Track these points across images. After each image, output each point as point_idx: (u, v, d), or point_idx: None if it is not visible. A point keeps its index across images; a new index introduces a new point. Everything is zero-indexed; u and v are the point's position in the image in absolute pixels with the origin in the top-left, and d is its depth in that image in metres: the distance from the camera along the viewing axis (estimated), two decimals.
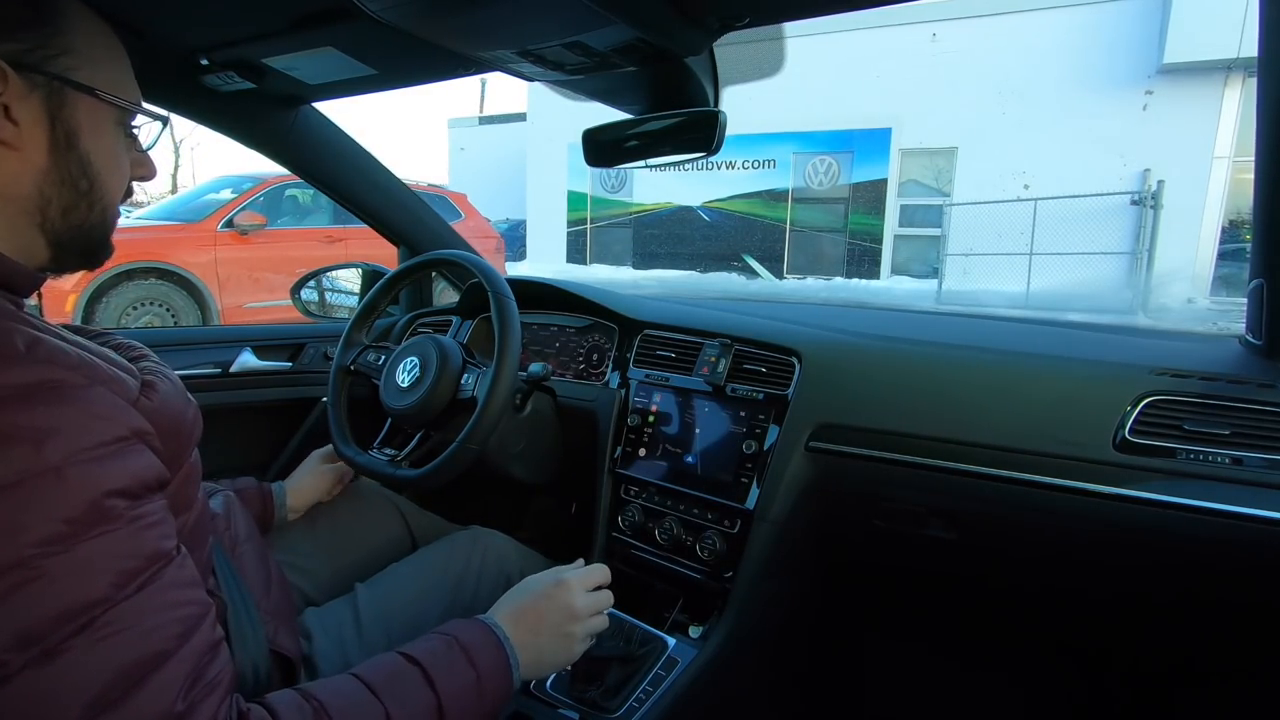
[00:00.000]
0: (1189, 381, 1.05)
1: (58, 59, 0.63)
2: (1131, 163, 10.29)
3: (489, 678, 0.76)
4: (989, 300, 9.82)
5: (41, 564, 0.48)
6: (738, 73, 1.09)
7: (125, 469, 0.55)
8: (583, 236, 14.89)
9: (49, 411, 0.52)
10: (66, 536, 0.49)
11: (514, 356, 1.15)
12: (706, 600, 1.23)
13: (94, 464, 0.53)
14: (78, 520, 0.50)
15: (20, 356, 0.53)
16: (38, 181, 0.64)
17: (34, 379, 0.52)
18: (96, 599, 0.50)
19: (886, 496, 1.22)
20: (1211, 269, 10.13)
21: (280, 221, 6.78)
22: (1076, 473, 1.05)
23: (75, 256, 0.70)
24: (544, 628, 0.87)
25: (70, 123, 0.65)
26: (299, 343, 1.82)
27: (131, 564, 0.53)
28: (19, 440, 0.49)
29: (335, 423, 1.28)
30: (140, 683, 0.51)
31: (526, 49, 0.93)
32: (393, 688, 0.69)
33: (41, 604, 0.48)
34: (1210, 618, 1.21)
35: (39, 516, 0.49)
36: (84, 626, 0.49)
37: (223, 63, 1.15)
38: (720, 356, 1.32)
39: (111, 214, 0.72)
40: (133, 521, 0.54)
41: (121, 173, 0.72)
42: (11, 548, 0.47)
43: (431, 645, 0.76)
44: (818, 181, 12.72)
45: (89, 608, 0.50)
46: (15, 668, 0.46)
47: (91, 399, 0.55)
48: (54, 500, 0.50)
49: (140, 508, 0.56)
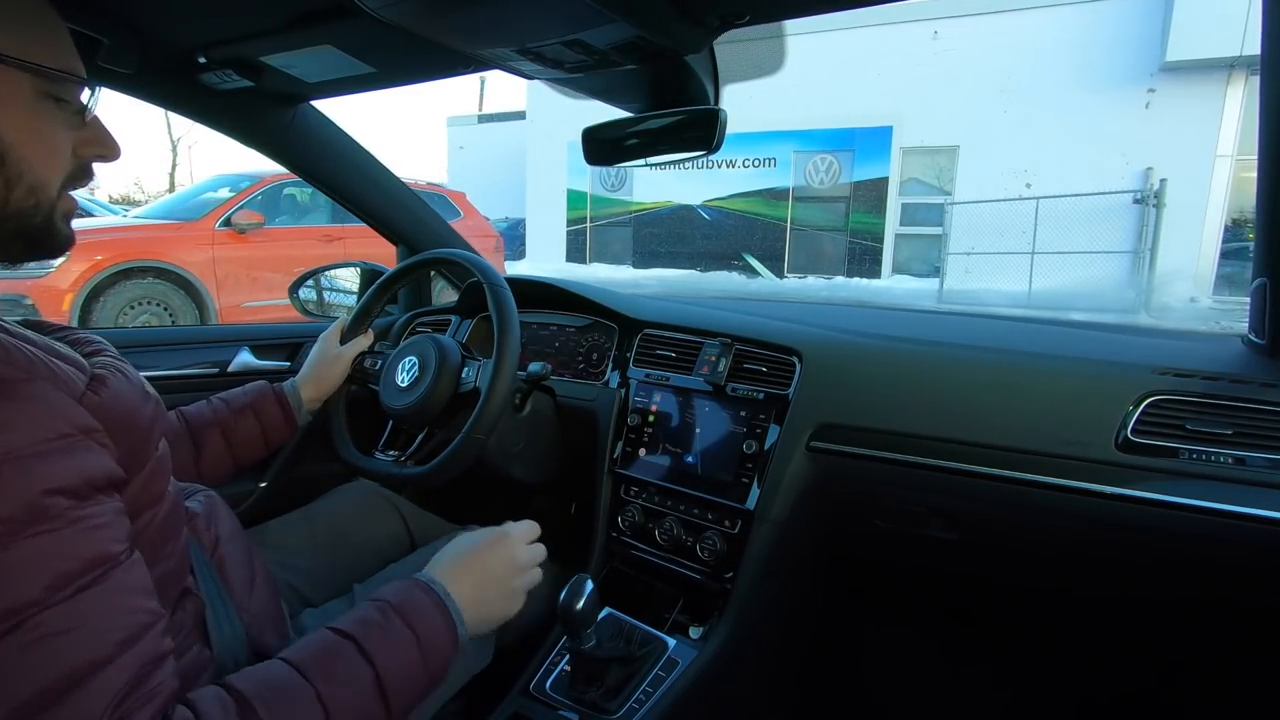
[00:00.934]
0: (1191, 381, 1.05)
1: None
2: (1134, 161, 10.30)
3: (430, 638, 0.74)
4: (991, 299, 9.82)
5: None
6: (738, 71, 1.09)
7: (69, 467, 0.54)
8: (582, 235, 14.89)
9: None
10: (0, 535, 0.48)
11: (514, 344, 1.15)
12: (707, 601, 1.24)
13: (33, 461, 0.51)
14: (12, 519, 0.49)
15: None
16: None
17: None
18: (28, 601, 0.48)
19: (887, 496, 1.22)
20: (1214, 268, 10.13)
21: (278, 220, 6.78)
22: (1078, 473, 1.05)
23: (12, 243, 0.64)
24: (488, 580, 0.86)
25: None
26: (297, 342, 1.82)
27: (70, 565, 0.51)
28: None
29: (336, 430, 1.28)
30: (70, 690, 0.49)
31: (526, 47, 0.93)
32: (323, 666, 0.66)
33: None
34: (1211, 619, 1.21)
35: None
36: (13, 629, 0.47)
37: (221, 61, 1.15)
38: (720, 356, 1.32)
39: (47, 196, 0.65)
40: (75, 522, 0.53)
41: (51, 148, 0.65)
42: None
43: (364, 614, 0.73)
44: (818, 180, 12.72)
45: (19, 610, 0.48)
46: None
47: (31, 394, 0.54)
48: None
49: (85, 508, 0.54)
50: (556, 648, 1.12)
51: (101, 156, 0.71)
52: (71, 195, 0.69)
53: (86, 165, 0.70)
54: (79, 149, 0.69)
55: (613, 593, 1.29)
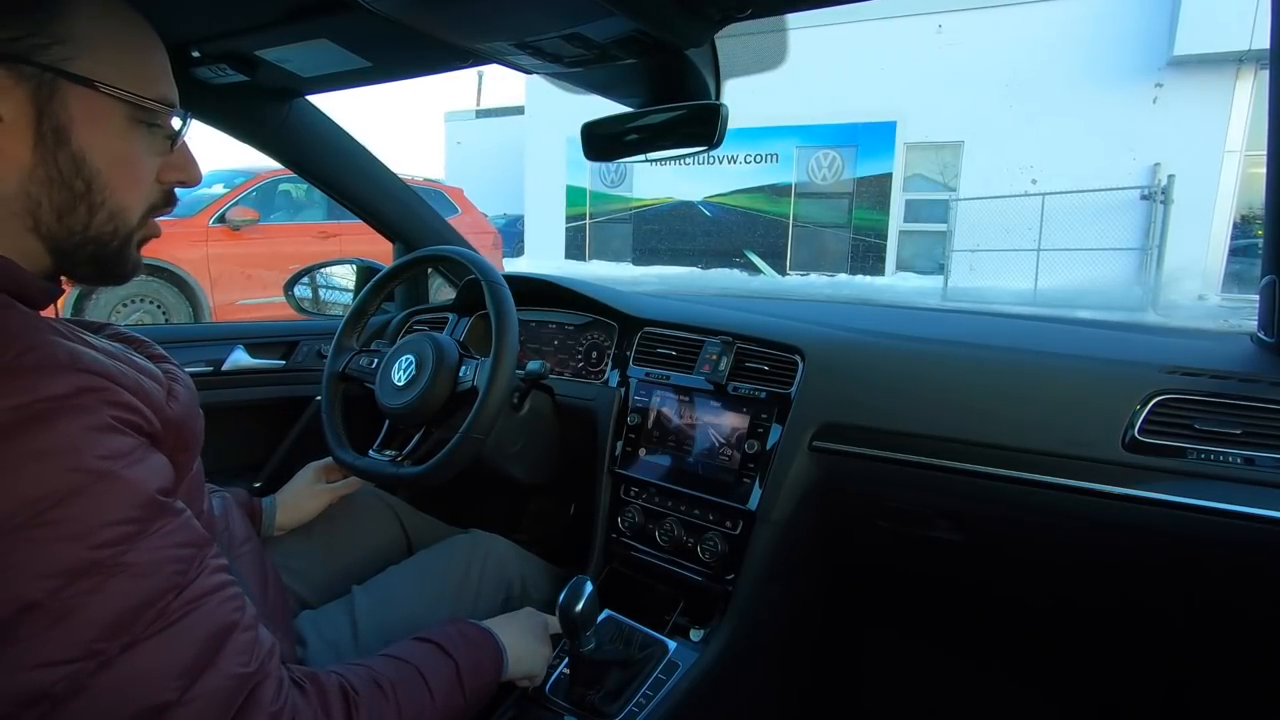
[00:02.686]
0: (1200, 380, 1.05)
1: (51, 48, 0.59)
2: (1141, 157, 10.29)
3: (485, 647, 0.93)
4: (996, 297, 9.81)
5: (117, 561, 0.52)
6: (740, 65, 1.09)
7: (158, 468, 0.59)
8: (582, 232, 14.88)
9: (91, 419, 0.54)
10: (133, 535, 0.54)
11: (512, 343, 1.15)
12: (708, 603, 1.24)
13: (138, 465, 0.56)
14: (138, 519, 0.54)
15: (61, 366, 0.54)
16: (22, 180, 0.60)
17: (71, 388, 0.54)
18: (168, 587, 0.55)
19: (891, 497, 1.22)
20: (1223, 265, 10.13)
21: (273, 217, 6.78)
22: (1085, 473, 1.05)
23: (87, 267, 0.66)
24: (523, 630, 1.04)
25: (59, 117, 0.60)
26: (292, 340, 1.82)
27: (187, 551, 0.58)
28: (75, 450, 0.52)
29: (331, 429, 1.28)
30: (218, 650, 0.57)
31: (524, 41, 0.92)
32: (424, 660, 0.83)
33: (122, 599, 0.52)
34: (1220, 630, 1.21)
35: (105, 518, 0.52)
36: (161, 612, 0.54)
37: (214, 55, 1.15)
38: (722, 354, 1.32)
39: (127, 221, 0.66)
40: (179, 513, 0.59)
41: (136, 175, 0.66)
42: (87, 550, 0.51)
43: (441, 631, 0.91)
44: (821, 176, 12.72)
45: (163, 595, 0.55)
46: (111, 654, 0.51)
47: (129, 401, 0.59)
48: (115, 502, 0.53)
49: (177, 502, 0.60)
50: (555, 651, 1.12)
51: (183, 183, 0.72)
52: (155, 222, 0.71)
53: (169, 192, 0.71)
54: (162, 174, 0.70)
55: (612, 595, 1.29)
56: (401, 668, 0.80)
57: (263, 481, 1.76)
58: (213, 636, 0.57)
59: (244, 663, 0.59)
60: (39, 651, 0.48)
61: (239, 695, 0.58)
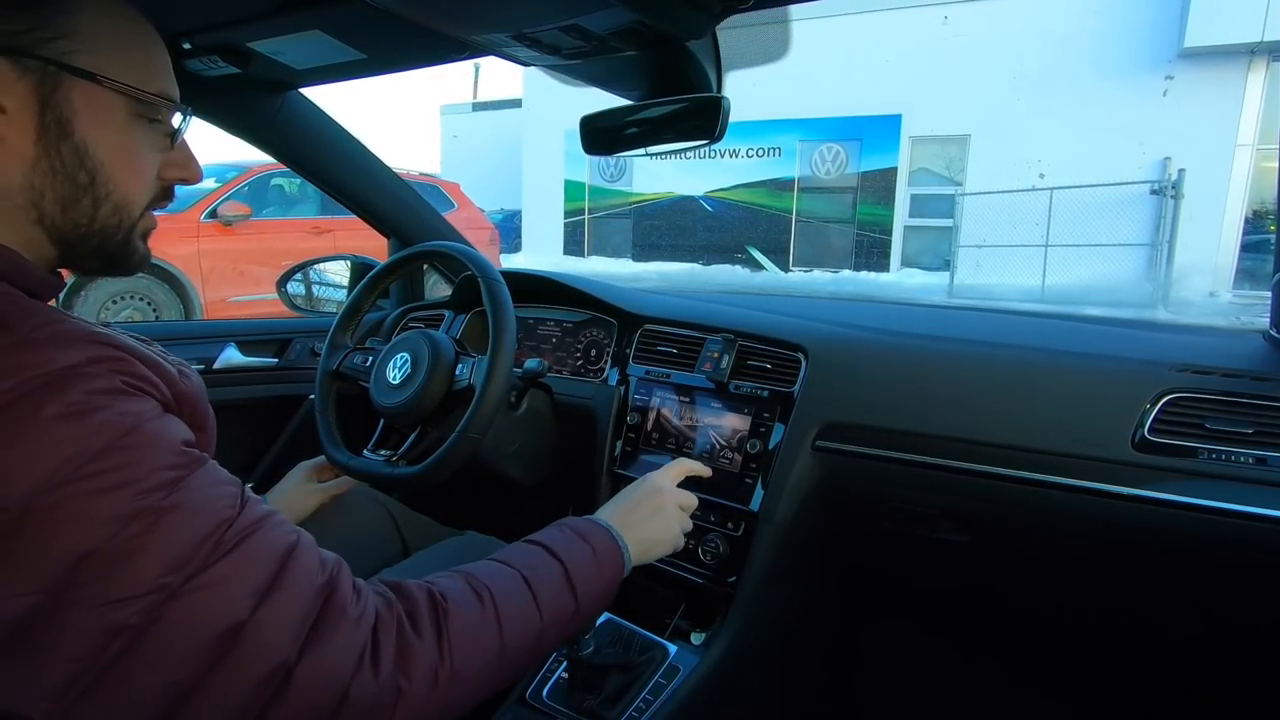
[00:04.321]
0: (1211, 378, 1.05)
1: (55, 42, 0.61)
2: (1151, 151, 10.29)
3: (602, 550, 0.88)
4: (1003, 294, 9.82)
5: (164, 504, 0.54)
6: (742, 57, 1.09)
7: (178, 426, 0.62)
8: (580, 227, 14.88)
9: (103, 383, 0.56)
10: (174, 480, 0.56)
11: (510, 341, 1.15)
12: (709, 605, 1.24)
13: (158, 420, 0.59)
14: (176, 465, 0.57)
15: (73, 338, 0.57)
16: (25, 172, 0.62)
17: (83, 357, 0.56)
18: (221, 520, 0.57)
19: (896, 498, 1.22)
20: (1234, 261, 10.12)
21: (266, 212, 6.77)
22: (1094, 473, 1.05)
23: (91, 259, 0.69)
24: (638, 508, 0.99)
25: (63, 109, 0.62)
26: (285, 338, 1.82)
27: (230, 488, 0.61)
28: (93, 410, 0.54)
29: (324, 429, 1.28)
30: (284, 567, 0.59)
31: (522, 32, 0.92)
32: (519, 556, 0.81)
33: (179, 536, 0.54)
34: (1230, 628, 1.21)
35: (146, 468, 0.55)
36: (218, 543, 0.56)
37: (206, 46, 1.15)
38: (723, 352, 1.32)
39: (130, 214, 0.68)
40: (205, 461, 0.61)
41: (138, 169, 0.69)
42: (132, 498, 0.53)
43: (546, 532, 0.88)
44: (825, 170, 12.71)
45: (217, 529, 0.57)
46: (177, 586, 0.53)
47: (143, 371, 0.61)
48: (151, 451, 0.56)
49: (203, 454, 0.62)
50: (554, 654, 1.13)
51: (183, 180, 0.74)
52: (153, 215, 0.73)
53: (169, 188, 0.74)
54: (163, 171, 0.72)
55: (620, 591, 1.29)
56: (502, 571, 0.77)
57: (255, 482, 1.76)
58: (275, 557, 0.59)
59: (311, 575, 0.61)
60: (107, 591, 0.51)
61: (314, 606, 0.60)
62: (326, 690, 0.58)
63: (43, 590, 0.50)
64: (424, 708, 0.64)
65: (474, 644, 0.70)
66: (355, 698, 0.59)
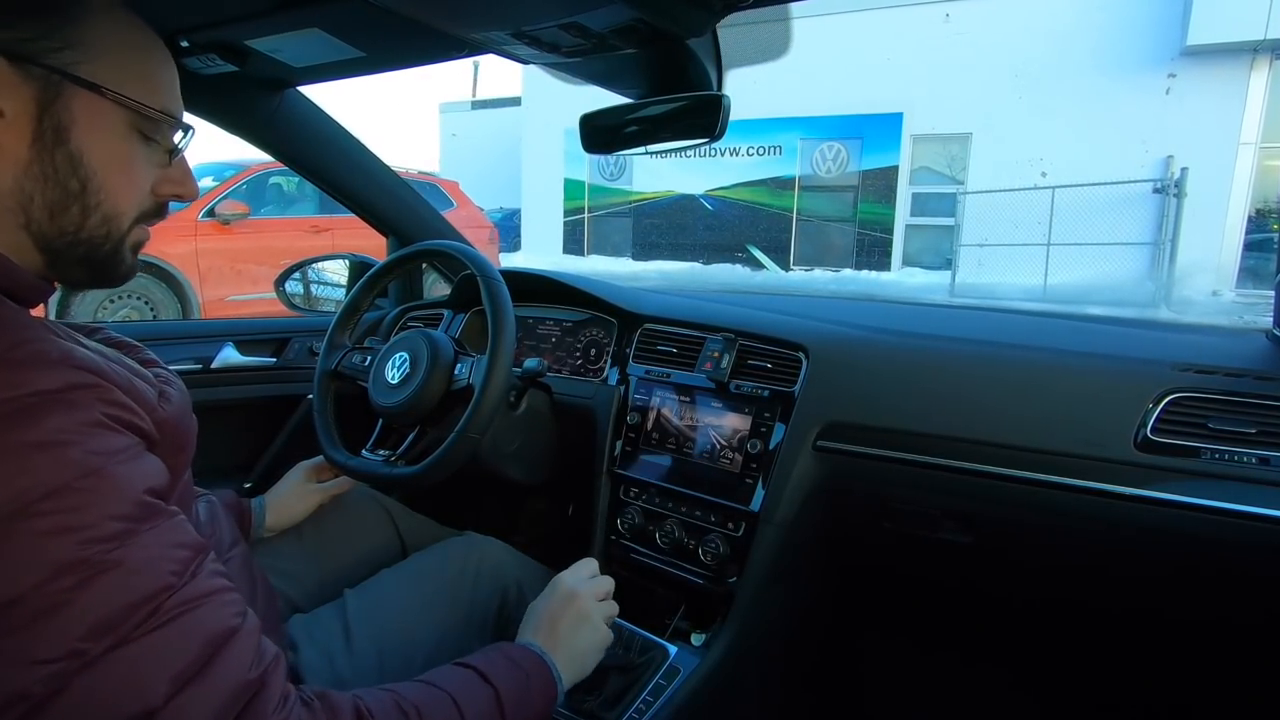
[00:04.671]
0: (1213, 378, 1.05)
1: (61, 51, 0.61)
2: (1154, 149, 10.29)
3: (536, 675, 0.84)
4: (1005, 293, 9.82)
5: (106, 558, 0.52)
6: (742, 55, 1.08)
7: (151, 470, 0.60)
8: (580, 226, 14.88)
9: (83, 415, 0.55)
10: (124, 533, 0.54)
11: (509, 340, 1.15)
12: (709, 606, 1.24)
13: (130, 464, 0.57)
14: (131, 516, 0.55)
15: (53, 362, 0.56)
16: (17, 175, 0.62)
17: (64, 383, 0.55)
18: (162, 586, 0.55)
19: (898, 498, 1.22)
20: (1237, 260, 10.12)
21: (264, 211, 6.76)
22: (1096, 473, 1.05)
23: (76, 268, 0.68)
24: (560, 620, 0.94)
25: (61, 117, 0.62)
26: (283, 337, 1.82)
27: (184, 553, 0.58)
28: (64, 444, 0.53)
29: (323, 429, 1.28)
30: (216, 655, 0.57)
31: (521, 30, 0.92)
32: (449, 678, 0.78)
33: (112, 596, 0.52)
34: (1233, 629, 1.21)
35: (96, 515, 0.53)
36: (153, 611, 0.54)
37: (204, 44, 1.15)
38: (724, 352, 1.32)
39: (119, 226, 0.68)
40: (172, 515, 0.59)
41: (132, 181, 0.68)
42: (75, 546, 0.51)
43: (479, 655, 0.84)
44: (825, 169, 12.71)
45: (156, 594, 0.54)
46: (95, 654, 0.51)
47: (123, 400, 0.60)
48: (107, 499, 0.54)
49: (171, 505, 0.61)
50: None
51: (178, 197, 0.74)
52: (145, 228, 0.72)
53: (163, 204, 0.73)
54: (158, 186, 0.72)
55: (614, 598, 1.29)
56: (432, 693, 0.74)
57: (253, 482, 1.76)
58: (209, 641, 0.57)
59: (242, 671, 0.58)
60: (20, 650, 0.48)
61: (235, 706, 0.57)
62: None
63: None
64: None
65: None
66: None
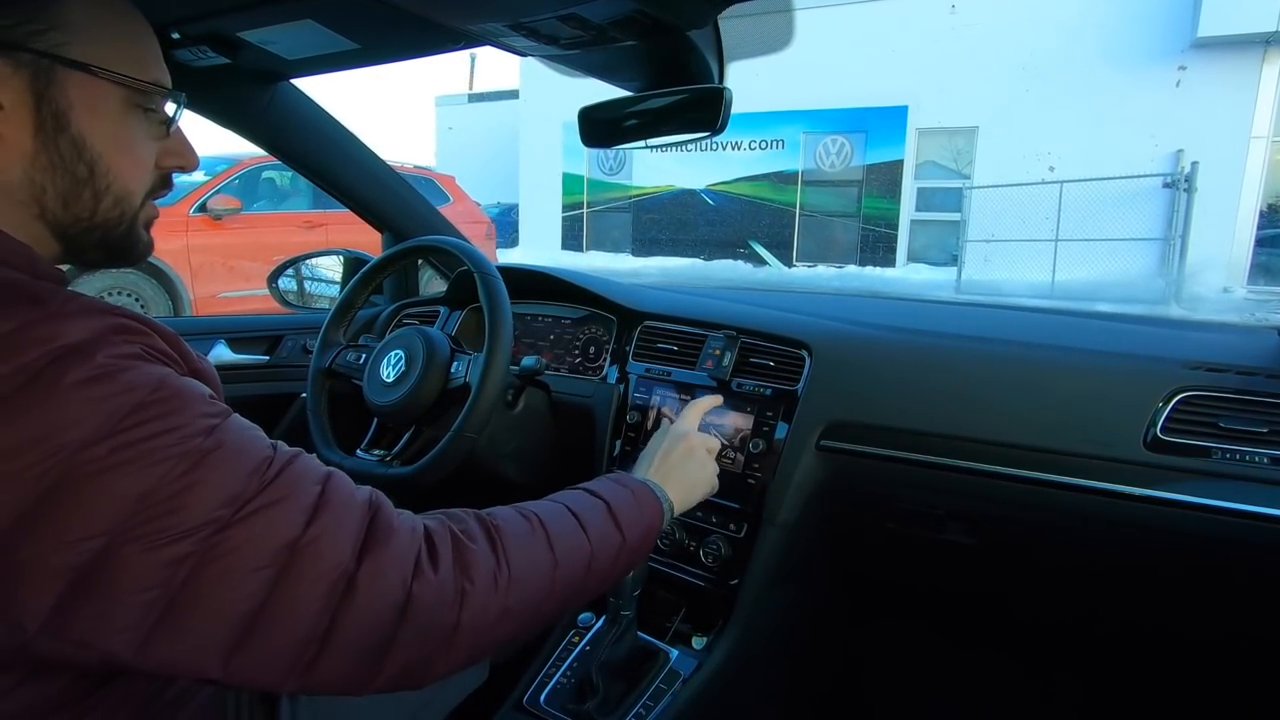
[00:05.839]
0: (1225, 376, 1.05)
1: (46, 34, 0.62)
2: (1163, 143, 10.28)
3: (641, 493, 0.89)
4: (1012, 290, 9.81)
5: (206, 445, 0.57)
6: (744, 47, 1.08)
7: (198, 384, 0.64)
8: (579, 222, 14.87)
9: (126, 349, 0.59)
10: (211, 427, 0.59)
11: (506, 337, 1.15)
12: (711, 609, 1.24)
13: (184, 379, 0.61)
14: (208, 413, 0.59)
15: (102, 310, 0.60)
16: (25, 167, 0.63)
17: (117, 324, 0.59)
18: (262, 456, 0.60)
19: (902, 498, 1.22)
20: (1249, 256, 10.12)
21: (256, 206, 6.76)
22: (1104, 473, 1.05)
23: (95, 251, 0.70)
24: (669, 456, 1.01)
25: (59, 102, 0.63)
26: (276, 335, 1.82)
27: (259, 431, 0.64)
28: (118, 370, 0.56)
29: (317, 428, 1.28)
30: (326, 491, 0.62)
31: (519, 21, 0.92)
32: (568, 497, 0.83)
33: (227, 473, 0.58)
34: (1244, 632, 1.21)
35: (183, 417, 0.57)
36: (264, 475, 0.59)
37: (195, 36, 1.15)
38: (725, 349, 1.32)
39: (131, 205, 0.70)
40: (232, 412, 0.64)
41: (136, 159, 0.70)
42: (177, 442, 0.56)
43: (584, 483, 0.89)
44: (829, 163, 12.70)
45: (260, 463, 0.60)
46: (230, 518, 0.56)
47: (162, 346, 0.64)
48: (186, 401, 0.59)
49: None
50: (552, 659, 1.13)
51: (180, 168, 0.76)
52: (154, 205, 0.75)
53: (167, 177, 0.75)
54: (160, 160, 0.73)
55: None
56: (547, 504, 0.80)
57: None
58: (316, 481, 0.62)
59: (354, 496, 0.64)
60: (166, 527, 0.54)
61: (364, 520, 0.63)
62: (390, 593, 0.61)
63: (103, 535, 0.52)
64: (488, 609, 0.66)
65: (528, 557, 0.72)
66: (419, 598, 0.62)
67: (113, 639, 0.53)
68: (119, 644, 0.54)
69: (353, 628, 0.59)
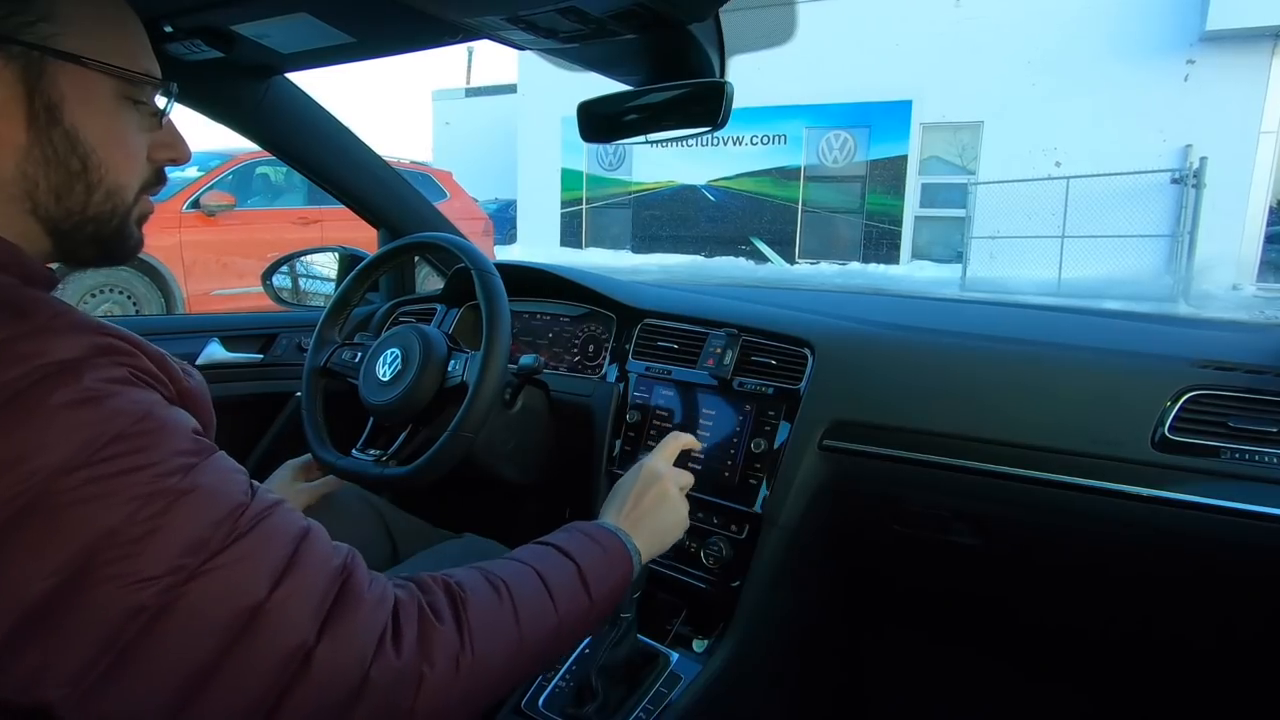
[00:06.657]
0: (1234, 375, 1.05)
1: (36, 26, 0.62)
2: (1172, 138, 10.28)
3: (612, 549, 0.87)
4: (1017, 287, 9.81)
5: (181, 486, 0.56)
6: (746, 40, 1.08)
7: (185, 415, 0.63)
8: (578, 218, 14.88)
9: (114, 372, 0.58)
10: (188, 465, 0.58)
11: (504, 336, 1.15)
12: (712, 611, 1.24)
13: (169, 409, 0.61)
14: (189, 450, 0.59)
15: (91, 328, 0.59)
16: (18, 161, 0.63)
17: (104, 344, 0.59)
18: (236, 503, 0.59)
19: (907, 499, 1.22)
20: (1258, 253, 10.13)
21: (250, 202, 6.77)
22: (1112, 473, 1.05)
23: (87, 247, 0.70)
24: (641, 500, 0.98)
25: (51, 94, 0.63)
26: (271, 333, 1.82)
27: (240, 476, 0.62)
28: (104, 396, 0.56)
29: (312, 427, 1.28)
30: (300, 549, 0.61)
31: (517, 14, 0.92)
32: (533, 555, 0.82)
33: (196, 517, 0.56)
34: (1254, 636, 1.21)
35: (160, 452, 0.57)
36: (235, 524, 0.58)
37: (189, 29, 1.14)
38: (726, 348, 1.32)
39: (123, 200, 0.70)
40: (216, 450, 0.63)
41: (128, 151, 0.70)
42: (150, 480, 0.55)
43: (555, 535, 0.87)
44: (832, 158, 12.71)
45: (234, 510, 0.58)
46: (195, 567, 0.55)
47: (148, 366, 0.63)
48: (168, 436, 0.58)
49: None
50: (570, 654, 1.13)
51: (173, 160, 0.76)
52: (148, 200, 0.74)
53: (160, 170, 0.75)
54: (152, 153, 0.73)
55: None
56: (516, 566, 0.78)
57: None
58: (291, 539, 0.61)
59: (327, 560, 0.63)
60: (126, 572, 0.53)
61: (331, 588, 0.61)
62: (347, 673, 0.59)
63: (61, 571, 0.51)
64: (447, 695, 0.65)
65: (494, 633, 0.70)
66: (376, 681, 0.60)
67: (51, 690, 0.51)
68: (57, 696, 0.51)
69: (303, 705, 0.57)
